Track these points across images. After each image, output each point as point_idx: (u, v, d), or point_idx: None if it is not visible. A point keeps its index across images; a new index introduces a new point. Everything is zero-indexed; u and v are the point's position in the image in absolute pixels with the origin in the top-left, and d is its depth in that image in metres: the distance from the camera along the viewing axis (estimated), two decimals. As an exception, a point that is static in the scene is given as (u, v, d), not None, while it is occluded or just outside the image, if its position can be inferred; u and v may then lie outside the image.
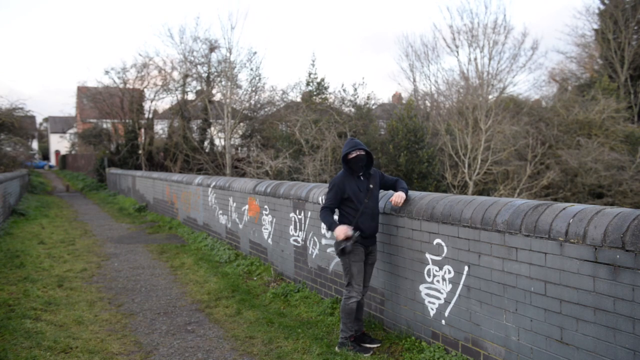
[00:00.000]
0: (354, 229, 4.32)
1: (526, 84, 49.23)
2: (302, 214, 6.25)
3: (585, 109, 19.89)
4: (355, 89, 21.55)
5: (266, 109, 24.18)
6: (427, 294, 4.24)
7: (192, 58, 23.95)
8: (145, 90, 26.12)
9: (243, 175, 19.76)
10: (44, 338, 4.73)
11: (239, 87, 23.45)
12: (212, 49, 23.53)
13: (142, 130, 25.97)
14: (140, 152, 25.48)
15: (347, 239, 4.23)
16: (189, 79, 24.83)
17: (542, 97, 25.97)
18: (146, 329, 5.12)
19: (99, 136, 28.09)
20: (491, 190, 17.95)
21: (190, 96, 25.42)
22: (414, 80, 25.67)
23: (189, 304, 5.96)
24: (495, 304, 3.58)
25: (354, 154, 4.36)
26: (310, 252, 6.12)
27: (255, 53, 24.43)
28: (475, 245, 3.73)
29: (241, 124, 23.27)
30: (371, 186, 4.41)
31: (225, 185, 9.25)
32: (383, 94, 71.85)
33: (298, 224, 6.38)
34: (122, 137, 26.72)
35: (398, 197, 4.41)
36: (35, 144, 47.91)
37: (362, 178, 4.42)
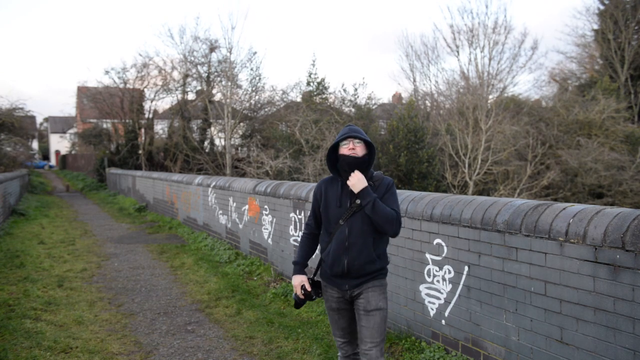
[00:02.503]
0: (312, 283, 3.11)
1: (526, 84, 49.24)
2: (302, 214, 6.25)
3: (586, 109, 19.88)
4: (356, 89, 21.58)
5: (266, 109, 24.19)
6: (427, 294, 4.24)
7: (192, 58, 23.97)
8: (145, 90, 26.14)
9: (243, 175, 19.75)
10: (44, 338, 4.73)
11: (239, 87, 23.46)
12: (212, 49, 23.54)
13: (142, 130, 25.97)
14: (140, 152, 25.48)
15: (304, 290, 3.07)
16: (189, 79, 24.85)
17: (542, 97, 25.98)
18: (146, 329, 5.12)
19: (99, 136, 28.09)
20: (491, 190, 17.94)
21: (190, 96, 25.44)
22: (414, 80, 25.66)
23: (189, 304, 5.96)
24: (495, 304, 3.58)
25: (346, 147, 2.99)
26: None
27: (255, 53, 24.52)
28: (475, 245, 3.73)
29: (241, 124, 23.27)
30: (358, 201, 2.93)
31: (225, 185, 9.25)
32: (383, 94, 71.88)
33: (298, 224, 6.38)
34: (122, 137, 26.72)
35: (354, 178, 2.94)
36: (35, 144, 47.90)
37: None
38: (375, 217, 2.89)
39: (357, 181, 2.93)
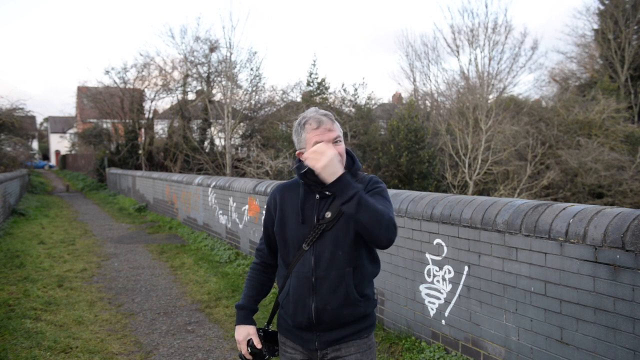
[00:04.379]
0: (265, 336, 2.16)
1: (526, 84, 49.29)
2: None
3: (586, 109, 19.90)
4: (356, 89, 21.62)
5: (266, 109, 24.19)
6: (427, 294, 4.24)
7: (193, 58, 23.96)
8: (146, 90, 26.13)
9: (243, 175, 19.76)
10: (44, 338, 4.73)
11: (239, 87, 23.46)
12: (212, 48, 23.54)
13: (142, 130, 25.97)
14: (140, 152, 25.48)
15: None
16: (189, 79, 24.84)
17: (542, 97, 25.98)
18: (146, 329, 5.12)
19: (99, 136, 28.11)
20: (491, 190, 17.95)
21: (191, 96, 25.44)
22: (414, 80, 25.67)
23: (189, 304, 5.96)
24: (495, 304, 3.58)
25: (318, 135, 1.96)
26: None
27: (255, 53, 24.50)
28: (475, 245, 3.73)
29: (241, 124, 23.27)
30: (328, 214, 1.97)
31: (225, 185, 9.25)
32: (384, 94, 71.90)
33: (298, 224, 6.38)
34: (122, 137, 26.73)
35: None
36: (35, 144, 47.90)
37: (318, 196, 2.04)
38: (362, 218, 1.79)
39: (327, 162, 1.77)
